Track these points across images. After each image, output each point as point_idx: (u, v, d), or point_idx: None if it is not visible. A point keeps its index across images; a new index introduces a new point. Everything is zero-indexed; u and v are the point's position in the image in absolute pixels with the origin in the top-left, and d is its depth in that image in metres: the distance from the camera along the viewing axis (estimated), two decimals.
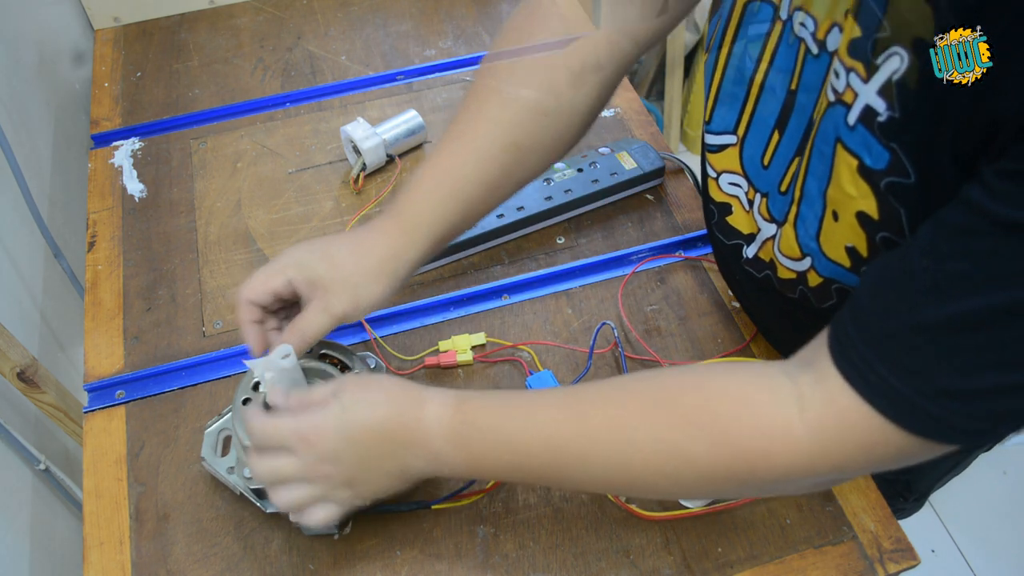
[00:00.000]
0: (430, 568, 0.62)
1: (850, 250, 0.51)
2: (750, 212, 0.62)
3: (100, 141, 0.94)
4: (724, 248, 0.67)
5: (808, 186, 0.52)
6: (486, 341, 0.74)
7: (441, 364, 0.72)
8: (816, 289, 0.56)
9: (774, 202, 0.59)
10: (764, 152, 0.58)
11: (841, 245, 0.51)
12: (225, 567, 0.62)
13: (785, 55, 0.54)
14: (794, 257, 0.57)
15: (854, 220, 0.49)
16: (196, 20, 1.09)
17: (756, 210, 0.61)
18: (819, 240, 0.53)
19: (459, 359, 0.72)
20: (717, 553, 0.62)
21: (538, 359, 0.73)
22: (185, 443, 0.69)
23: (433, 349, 0.74)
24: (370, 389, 0.54)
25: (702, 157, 0.66)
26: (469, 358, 0.72)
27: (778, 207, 0.58)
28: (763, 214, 0.60)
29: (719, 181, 0.64)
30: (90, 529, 0.64)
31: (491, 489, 0.64)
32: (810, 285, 0.56)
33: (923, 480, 0.79)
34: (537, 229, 0.84)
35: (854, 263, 0.51)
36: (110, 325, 0.77)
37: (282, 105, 0.97)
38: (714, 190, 0.65)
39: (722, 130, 0.62)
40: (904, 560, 0.61)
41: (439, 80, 1.00)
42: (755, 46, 0.56)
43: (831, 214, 0.51)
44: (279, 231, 0.84)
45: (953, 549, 1.50)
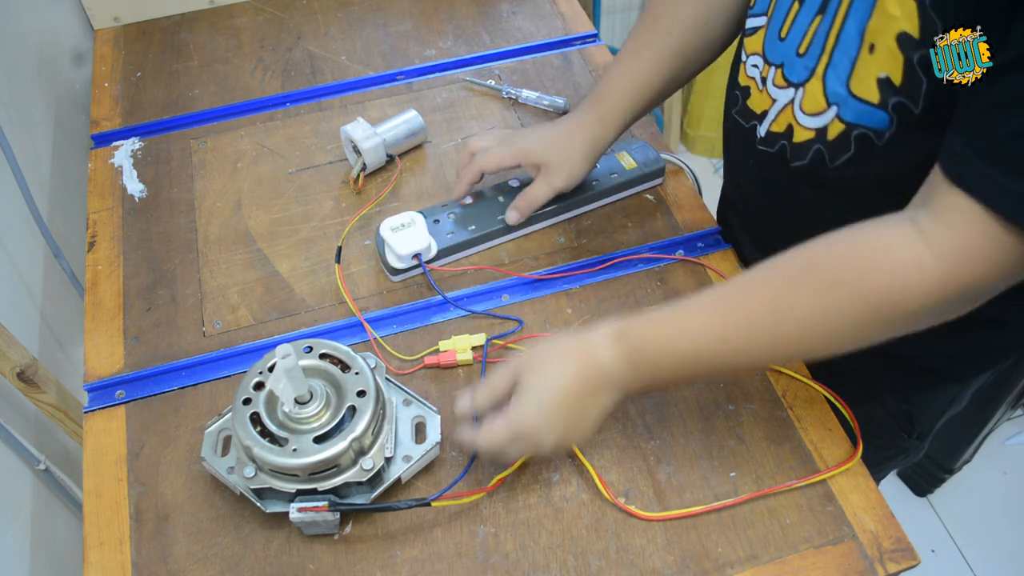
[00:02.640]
0: (430, 568, 0.62)
1: (882, 81, 0.55)
2: (763, 90, 0.67)
3: (100, 141, 0.94)
4: (741, 134, 0.72)
5: (846, 29, 0.57)
6: (485, 341, 0.74)
7: (441, 364, 0.72)
8: (834, 142, 0.61)
9: (791, 67, 0.63)
10: (782, 26, 0.64)
11: (873, 78, 0.56)
12: (225, 567, 0.62)
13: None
14: (817, 111, 0.61)
15: (893, 44, 0.53)
16: (196, 20, 1.09)
17: (770, 83, 0.66)
18: (849, 83, 0.58)
19: (459, 359, 0.72)
20: (717, 553, 0.62)
21: None
22: (185, 443, 0.69)
23: (433, 349, 0.74)
24: (545, 364, 0.60)
25: (739, 42, 0.72)
26: (469, 358, 0.72)
27: (797, 70, 0.63)
28: (778, 84, 0.65)
29: (746, 64, 0.70)
30: (90, 529, 0.64)
31: (492, 488, 0.64)
32: (828, 138, 0.61)
33: (925, 413, 0.80)
34: (537, 229, 0.84)
35: (884, 96, 0.56)
36: (110, 325, 0.77)
37: (282, 105, 0.97)
38: (741, 75, 0.71)
39: (759, 12, 0.68)
40: (904, 560, 0.61)
41: (439, 80, 1.00)
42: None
43: (867, 48, 0.55)
44: (279, 231, 0.84)
45: (953, 549, 1.50)
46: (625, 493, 0.65)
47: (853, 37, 0.56)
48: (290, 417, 0.61)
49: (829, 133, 0.61)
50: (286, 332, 0.76)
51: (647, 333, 0.58)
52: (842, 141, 0.60)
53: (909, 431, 0.82)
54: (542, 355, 0.60)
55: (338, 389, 0.63)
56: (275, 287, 0.80)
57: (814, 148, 0.63)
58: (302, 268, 0.81)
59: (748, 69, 0.69)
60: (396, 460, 0.64)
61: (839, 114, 0.60)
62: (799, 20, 0.62)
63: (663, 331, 0.58)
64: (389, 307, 0.78)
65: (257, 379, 0.62)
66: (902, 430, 0.82)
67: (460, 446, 0.65)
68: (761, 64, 0.67)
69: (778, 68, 0.65)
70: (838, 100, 0.59)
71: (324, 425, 0.61)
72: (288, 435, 0.60)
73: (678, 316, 0.58)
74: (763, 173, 0.71)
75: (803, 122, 0.63)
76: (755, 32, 0.68)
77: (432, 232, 0.79)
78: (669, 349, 0.58)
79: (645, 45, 0.75)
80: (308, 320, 0.77)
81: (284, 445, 0.59)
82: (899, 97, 0.55)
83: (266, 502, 0.61)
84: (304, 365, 0.62)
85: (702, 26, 0.73)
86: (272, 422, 0.60)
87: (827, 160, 0.62)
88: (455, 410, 0.63)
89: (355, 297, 0.79)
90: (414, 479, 0.66)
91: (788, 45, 0.63)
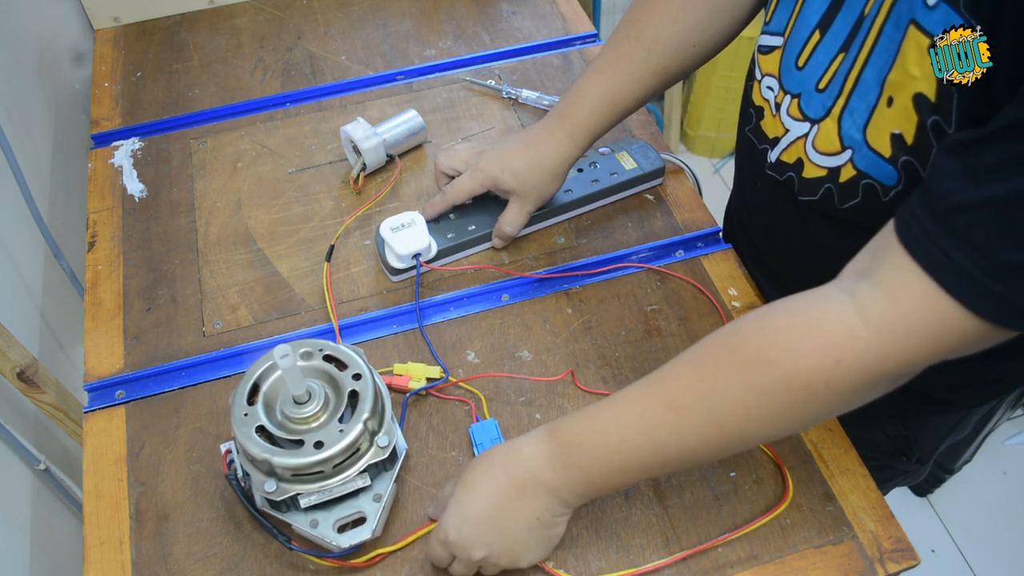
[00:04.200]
0: (430, 568, 0.62)
1: (895, 137, 0.54)
2: (777, 116, 0.65)
3: (100, 141, 0.94)
4: (754, 153, 0.70)
5: (865, 75, 0.55)
6: (441, 376, 0.71)
7: (392, 386, 0.70)
8: (844, 185, 0.59)
9: (808, 101, 0.61)
10: (800, 53, 0.61)
11: (887, 132, 0.54)
12: (225, 567, 0.62)
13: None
14: (831, 152, 0.60)
15: (909, 103, 0.52)
16: (196, 20, 1.09)
17: (784, 111, 0.64)
18: (865, 131, 0.56)
19: (410, 385, 0.70)
20: (717, 553, 0.62)
21: (487, 407, 0.70)
22: (185, 443, 0.69)
23: (387, 369, 0.72)
24: (474, 473, 0.59)
25: (752, 61, 0.70)
26: (422, 385, 0.70)
27: (814, 105, 0.61)
28: (793, 114, 0.63)
29: (761, 83, 0.68)
30: (90, 529, 0.64)
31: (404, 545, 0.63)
32: (840, 181, 0.60)
33: (925, 439, 0.79)
34: (537, 229, 0.84)
35: (895, 152, 0.54)
36: (110, 325, 0.77)
37: (282, 105, 0.97)
38: (756, 93, 0.69)
39: (775, 31, 0.65)
40: (904, 560, 0.61)
41: (439, 80, 1.00)
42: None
43: (886, 100, 0.54)
44: (279, 231, 0.84)
45: (953, 549, 1.50)
46: (625, 492, 0.65)
47: (872, 85, 0.55)
48: (289, 418, 0.60)
49: (841, 175, 0.60)
50: (286, 332, 0.76)
51: (573, 426, 0.56)
52: (851, 186, 0.59)
53: (909, 455, 0.81)
54: (474, 467, 0.59)
55: (332, 382, 0.63)
56: (275, 287, 0.80)
57: (824, 186, 0.61)
58: (302, 268, 0.81)
59: (763, 90, 0.67)
60: (398, 436, 0.65)
61: (853, 159, 0.58)
62: (819, 52, 0.60)
63: (588, 423, 0.55)
64: (389, 307, 0.78)
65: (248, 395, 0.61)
66: (902, 454, 0.80)
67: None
68: (776, 88, 0.65)
69: (794, 98, 0.63)
70: (853, 145, 0.58)
71: (330, 418, 0.61)
72: (299, 437, 0.59)
73: (606, 407, 0.55)
74: (771, 196, 0.69)
75: (815, 160, 0.62)
76: (771, 52, 0.65)
77: (432, 232, 0.79)
78: (596, 441, 0.55)
79: (624, 60, 0.72)
80: (308, 320, 0.77)
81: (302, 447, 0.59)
82: (909, 156, 0.54)
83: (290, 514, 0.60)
84: (302, 365, 0.62)
85: (689, 49, 0.71)
86: (280, 429, 0.60)
87: (836, 201, 0.61)
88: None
89: (355, 297, 0.79)
90: (406, 475, 0.66)
91: (806, 77, 0.61)
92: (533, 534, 0.58)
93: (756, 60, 0.68)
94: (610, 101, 0.73)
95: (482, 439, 0.67)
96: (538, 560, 0.60)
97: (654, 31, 0.70)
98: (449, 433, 0.69)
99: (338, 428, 0.59)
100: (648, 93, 0.74)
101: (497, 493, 0.57)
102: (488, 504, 0.57)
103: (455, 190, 0.78)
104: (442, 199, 0.80)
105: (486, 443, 0.67)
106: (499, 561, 0.58)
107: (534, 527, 0.57)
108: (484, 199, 0.82)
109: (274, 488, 0.58)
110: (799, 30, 0.61)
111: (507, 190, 0.76)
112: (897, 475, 0.84)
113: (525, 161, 0.75)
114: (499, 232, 0.80)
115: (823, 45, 0.59)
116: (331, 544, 0.59)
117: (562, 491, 0.56)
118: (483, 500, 0.57)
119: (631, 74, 0.72)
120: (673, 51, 0.71)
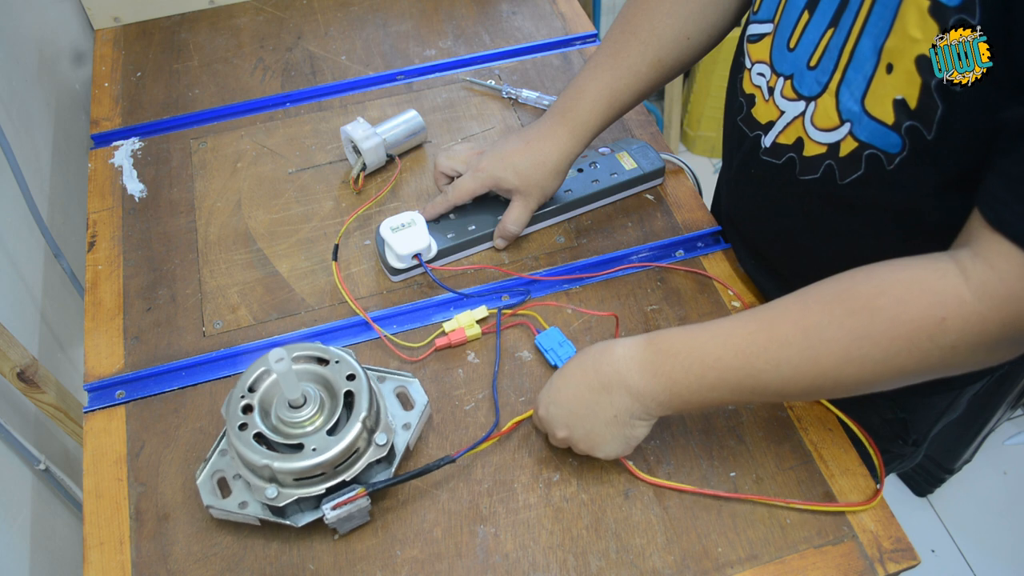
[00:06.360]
0: (430, 568, 0.62)
1: (898, 103, 0.54)
2: (770, 100, 0.66)
3: (100, 141, 0.94)
4: (744, 142, 0.71)
5: (861, 46, 0.56)
6: (488, 314, 0.76)
7: (452, 343, 0.74)
8: (845, 159, 0.60)
9: (801, 80, 0.62)
10: (791, 36, 0.62)
11: (889, 99, 0.55)
12: (225, 567, 0.62)
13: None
14: (829, 127, 0.60)
15: (912, 67, 0.52)
16: (196, 20, 1.09)
17: (778, 94, 0.65)
18: (864, 101, 0.57)
19: (468, 335, 0.74)
20: (717, 553, 0.62)
21: (542, 318, 0.75)
22: (185, 443, 0.69)
23: (439, 332, 0.75)
24: (573, 361, 0.64)
25: (738, 50, 0.71)
26: (477, 332, 0.74)
27: (807, 83, 0.62)
28: (787, 95, 0.64)
29: (751, 71, 0.68)
30: (90, 529, 0.64)
31: (509, 430, 0.68)
32: (840, 155, 0.60)
33: (920, 421, 0.80)
34: (537, 229, 0.84)
35: (898, 118, 0.55)
36: (110, 325, 0.77)
37: (282, 105, 0.97)
38: (746, 82, 0.69)
39: (765, 19, 0.66)
40: (904, 560, 0.61)
41: (439, 80, 1.00)
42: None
43: (885, 68, 0.54)
44: (279, 231, 0.84)
45: (953, 549, 1.50)
46: (625, 492, 0.65)
47: (869, 55, 0.56)
48: (285, 423, 0.60)
49: (841, 150, 0.60)
50: (286, 332, 0.76)
51: (672, 338, 0.59)
52: (853, 159, 0.60)
53: (905, 438, 0.82)
54: (575, 358, 0.64)
55: (326, 385, 0.63)
56: (275, 287, 0.80)
57: (825, 163, 0.62)
58: (302, 268, 0.81)
59: (754, 77, 0.68)
60: (398, 431, 0.65)
61: (852, 131, 0.59)
62: (809, 31, 0.61)
63: (689, 336, 0.58)
64: (389, 307, 0.78)
65: (243, 403, 0.61)
66: (898, 437, 0.81)
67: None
68: (768, 73, 0.66)
69: (787, 79, 0.64)
70: (852, 117, 0.58)
71: (327, 421, 0.61)
72: (297, 441, 0.59)
73: (709, 327, 0.58)
74: (766, 183, 0.70)
75: (814, 136, 0.62)
76: (761, 39, 0.66)
77: (432, 232, 0.79)
78: (692, 355, 0.57)
79: (622, 56, 0.73)
80: (308, 320, 0.77)
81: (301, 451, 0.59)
82: (913, 121, 0.54)
83: (294, 517, 0.61)
84: (297, 368, 0.62)
85: (683, 41, 0.72)
86: (277, 434, 0.60)
87: (837, 177, 0.62)
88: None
89: (355, 297, 0.78)
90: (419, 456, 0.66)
91: (798, 56, 0.62)
92: (610, 429, 0.61)
93: (745, 50, 0.69)
94: (609, 96, 0.74)
95: (550, 344, 0.73)
96: (615, 455, 0.63)
97: (649, 25, 0.72)
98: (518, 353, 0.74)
99: (336, 430, 0.60)
100: (646, 87, 0.75)
101: (583, 384, 0.61)
102: (574, 392, 0.62)
103: (457, 191, 0.78)
104: (443, 200, 0.80)
105: (554, 347, 0.73)
106: (578, 444, 0.63)
107: (611, 423, 0.61)
108: (484, 199, 0.82)
109: (275, 494, 0.58)
110: (789, 14, 0.62)
111: (509, 189, 0.77)
112: (894, 459, 0.85)
113: (527, 159, 0.76)
114: (503, 232, 0.80)
115: (812, 24, 0.60)
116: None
117: (645, 397, 0.59)
118: (570, 388, 0.62)
119: (628, 68, 0.73)
120: (668, 44, 0.72)
